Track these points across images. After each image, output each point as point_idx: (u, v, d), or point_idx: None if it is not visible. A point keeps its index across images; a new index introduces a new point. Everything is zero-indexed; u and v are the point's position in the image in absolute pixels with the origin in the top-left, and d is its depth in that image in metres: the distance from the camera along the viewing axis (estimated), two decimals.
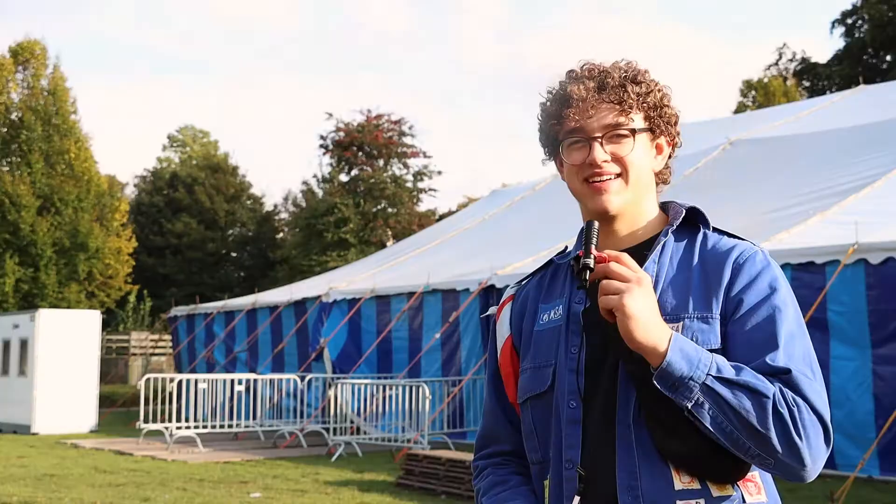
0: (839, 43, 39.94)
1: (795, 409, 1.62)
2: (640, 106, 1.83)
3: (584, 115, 1.80)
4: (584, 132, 1.81)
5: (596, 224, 1.77)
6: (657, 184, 1.92)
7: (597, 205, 1.82)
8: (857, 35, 37.07)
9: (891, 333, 9.40)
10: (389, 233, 33.07)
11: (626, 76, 1.83)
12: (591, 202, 1.82)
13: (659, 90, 1.87)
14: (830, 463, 9.53)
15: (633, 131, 1.82)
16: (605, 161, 1.80)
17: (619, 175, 1.81)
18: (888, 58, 36.53)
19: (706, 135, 19.93)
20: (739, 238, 1.85)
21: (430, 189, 35.23)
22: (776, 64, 40.05)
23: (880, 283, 9.48)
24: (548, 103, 1.88)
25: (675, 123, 1.90)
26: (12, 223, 25.06)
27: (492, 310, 2.09)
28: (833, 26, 38.02)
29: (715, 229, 1.88)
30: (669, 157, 1.93)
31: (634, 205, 1.85)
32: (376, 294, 16.08)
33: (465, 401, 14.13)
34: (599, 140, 1.80)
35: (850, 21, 37.33)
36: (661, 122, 1.87)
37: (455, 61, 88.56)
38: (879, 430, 9.11)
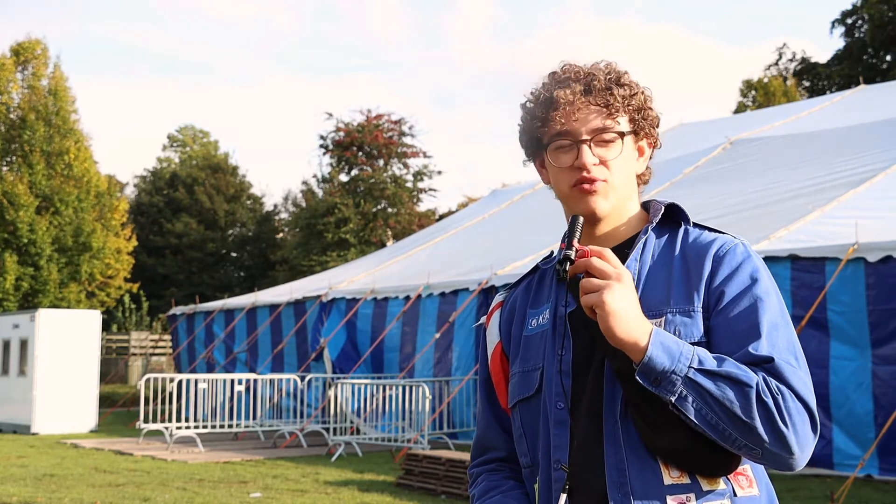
0: (839, 43, 40.02)
1: (780, 397, 1.62)
2: (626, 109, 1.83)
3: (571, 119, 1.80)
4: (572, 135, 1.81)
5: (580, 219, 1.78)
6: (638, 184, 1.93)
7: (585, 208, 1.82)
8: (857, 35, 37.07)
9: (890, 333, 9.39)
10: (389, 233, 33.07)
11: (610, 78, 1.83)
12: (578, 205, 1.83)
13: (642, 92, 1.87)
14: (830, 463, 9.53)
15: (622, 134, 1.82)
16: (594, 164, 1.80)
17: (605, 179, 1.81)
18: (888, 58, 36.52)
19: (706, 135, 19.97)
20: (720, 232, 1.86)
21: (430, 189, 35.24)
22: (776, 64, 40.08)
23: (880, 282, 9.48)
24: (530, 105, 1.88)
25: (657, 125, 1.91)
26: (11, 222, 25.06)
27: (482, 319, 2.10)
28: (833, 26, 38.04)
29: (696, 224, 1.88)
30: (650, 157, 1.94)
31: (618, 207, 1.86)
32: (376, 294, 16.08)
33: (456, 402, 14.11)
34: (588, 143, 1.80)
35: (850, 21, 37.33)
36: (644, 124, 1.87)
37: (455, 62, 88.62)
38: (879, 429, 9.10)
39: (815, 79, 38.13)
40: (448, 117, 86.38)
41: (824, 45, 78.52)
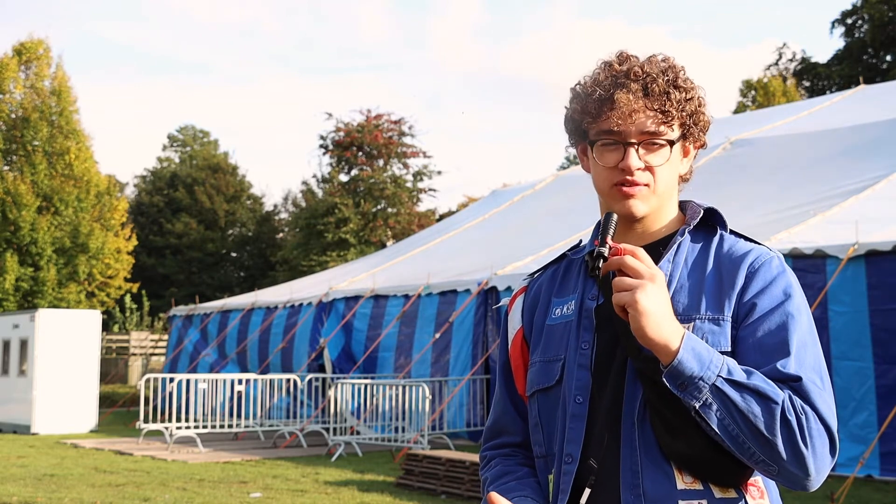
0: (839, 43, 40.02)
1: (803, 418, 1.60)
2: (679, 114, 1.80)
3: (627, 120, 1.76)
4: (621, 136, 1.77)
5: (615, 216, 1.76)
6: (678, 183, 1.90)
7: (623, 210, 1.79)
8: (857, 35, 37.07)
9: (891, 333, 9.39)
10: (389, 233, 33.06)
11: (668, 80, 1.79)
12: (617, 206, 1.80)
13: (698, 96, 1.84)
14: None
15: (671, 143, 1.80)
16: (639, 169, 1.77)
17: (647, 184, 1.79)
18: (888, 58, 36.52)
19: (706, 134, 19.95)
20: (756, 242, 1.83)
21: (429, 189, 35.23)
22: (776, 64, 40.07)
23: (881, 282, 9.48)
24: (583, 94, 1.82)
25: (707, 129, 1.88)
26: (13, 222, 25.06)
27: (504, 301, 2.08)
28: (833, 26, 38.05)
29: (732, 231, 1.86)
30: (694, 157, 1.92)
31: (657, 208, 1.83)
32: (376, 294, 16.08)
33: (454, 402, 14.10)
34: (636, 146, 1.77)
35: (850, 21, 37.33)
36: (695, 129, 1.85)
37: (451, 64, 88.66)
38: (879, 429, 9.10)
39: (815, 79, 38.12)
40: (448, 118, 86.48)
41: (824, 45, 78.58)
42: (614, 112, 1.76)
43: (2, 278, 24.72)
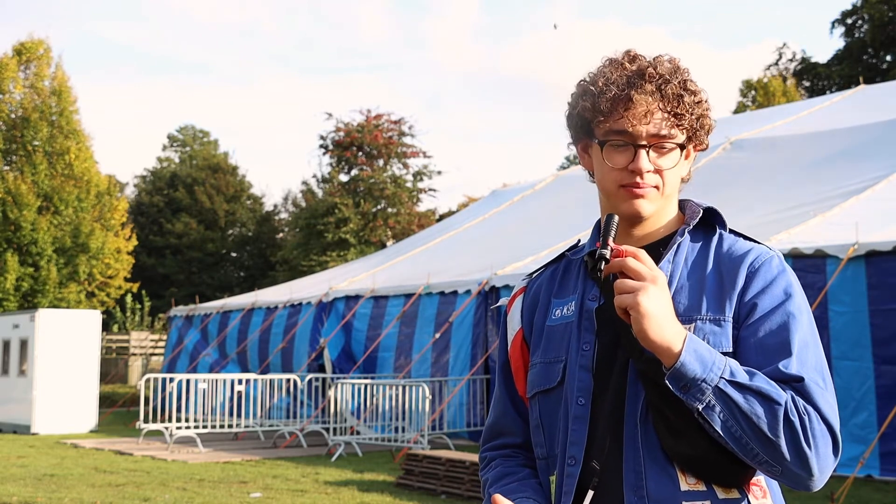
0: (839, 43, 40.04)
1: (806, 418, 1.60)
2: (689, 118, 1.79)
3: (642, 122, 1.75)
4: (633, 137, 1.76)
5: (616, 217, 1.75)
6: (678, 184, 1.89)
7: (630, 210, 1.78)
8: (857, 35, 37.08)
9: (891, 333, 9.39)
10: (389, 233, 33.05)
11: (679, 82, 1.78)
12: (624, 206, 1.78)
13: (705, 100, 1.83)
14: None
15: (682, 147, 1.80)
16: (649, 171, 1.76)
17: (656, 186, 1.78)
18: (888, 58, 36.52)
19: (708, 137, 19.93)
20: (755, 241, 1.83)
21: (429, 189, 35.22)
22: (776, 64, 40.07)
23: (881, 282, 9.48)
24: (597, 93, 1.79)
25: (710, 133, 1.87)
26: (14, 222, 25.07)
27: (503, 301, 2.07)
28: (833, 26, 38.05)
29: (731, 231, 1.86)
30: (694, 159, 1.91)
31: (660, 210, 1.83)
32: (376, 294, 16.08)
33: (454, 403, 14.10)
34: (647, 148, 1.76)
35: (850, 21, 37.34)
36: (701, 133, 1.84)
37: (451, 64, 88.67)
38: (879, 429, 9.10)
39: (815, 79, 38.12)
40: (448, 119, 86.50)
41: (824, 45, 78.60)
42: (630, 112, 1.75)
43: (2, 278, 24.72)
